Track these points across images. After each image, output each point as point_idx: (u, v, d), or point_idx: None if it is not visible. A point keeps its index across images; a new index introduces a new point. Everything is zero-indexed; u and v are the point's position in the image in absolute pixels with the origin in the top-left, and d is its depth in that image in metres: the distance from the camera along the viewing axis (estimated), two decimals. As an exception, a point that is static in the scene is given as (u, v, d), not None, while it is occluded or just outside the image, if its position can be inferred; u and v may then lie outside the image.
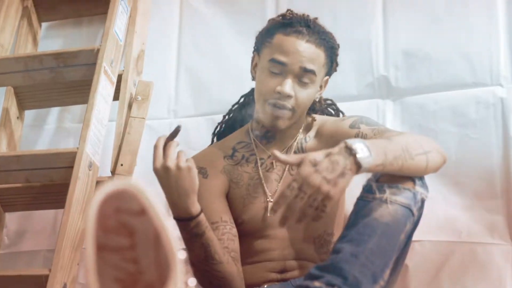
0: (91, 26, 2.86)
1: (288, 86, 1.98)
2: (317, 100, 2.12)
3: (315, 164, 1.57)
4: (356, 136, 1.98)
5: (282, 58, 1.99)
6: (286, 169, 2.09)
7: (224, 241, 1.97)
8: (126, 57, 2.53)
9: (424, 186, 1.80)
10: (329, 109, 2.29)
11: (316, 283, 1.56)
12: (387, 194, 1.70)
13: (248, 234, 2.06)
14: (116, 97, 2.46)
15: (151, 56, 2.71)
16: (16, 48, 2.71)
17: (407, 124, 2.46)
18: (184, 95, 2.71)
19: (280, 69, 1.99)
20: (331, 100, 2.29)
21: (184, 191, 1.83)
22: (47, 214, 2.65)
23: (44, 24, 2.88)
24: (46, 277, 1.99)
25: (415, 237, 2.29)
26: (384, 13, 2.57)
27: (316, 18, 2.10)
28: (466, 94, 2.43)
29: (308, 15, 2.09)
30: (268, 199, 2.06)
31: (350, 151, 1.60)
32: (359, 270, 1.58)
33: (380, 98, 2.52)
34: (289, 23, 2.05)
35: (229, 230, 1.97)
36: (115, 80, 2.42)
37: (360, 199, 1.75)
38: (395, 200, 1.70)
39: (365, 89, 2.53)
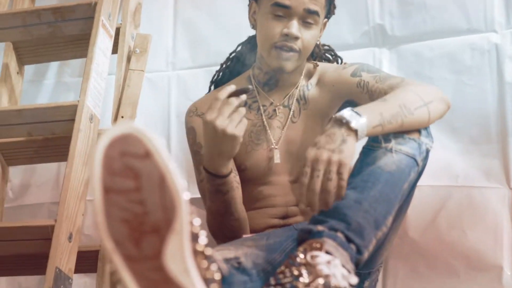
0: (88, -20, 2.86)
1: (295, 27, 1.99)
2: (319, 41, 2.15)
3: (315, 145, 1.60)
4: (358, 84, 2.01)
5: (286, 1, 1.99)
6: (289, 116, 2.11)
7: None
8: (123, 10, 2.53)
9: (429, 136, 1.81)
10: (327, 54, 2.30)
11: (319, 227, 1.57)
12: (393, 143, 1.72)
13: (251, 180, 2.09)
14: (114, 50, 2.47)
15: (148, 9, 2.71)
16: (13, 3, 2.71)
17: (403, 72, 2.48)
18: (182, 47, 2.72)
19: (284, 12, 2.00)
20: (328, 46, 2.30)
21: (221, 153, 1.84)
22: (50, 167, 2.68)
23: (41, -21, 2.87)
24: (52, 228, 2.00)
25: (413, 182, 2.35)
26: (379, -39, 2.57)
27: None
28: (461, 40, 2.44)
29: None
30: (272, 146, 2.09)
31: (341, 121, 1.62)
32: (362, 216, 1.60)
33: (376, 47, 2.54)
34: None
35: (234, 178, 1.98)
36: (113, 33, 2.42)
37: (366, 148, 1.76)
38: (400, 150, 1.72)
39: (361, 38, 2.54)
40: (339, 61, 2.29)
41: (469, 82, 2.41)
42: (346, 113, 1.63)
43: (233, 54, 2.34)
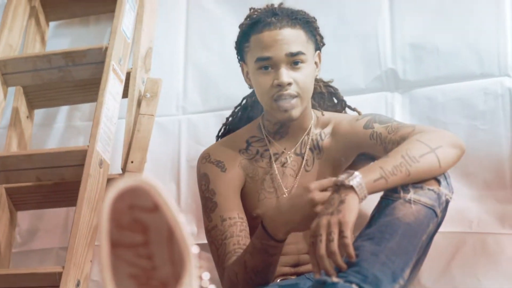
0: (98, 25, 2.87)
1: (284, 75, 1.98)
2: (317, 76, 2.14)
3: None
4: (371, 136, 2.00)
5: (265, 54, 2.00)
6: (302, 165, 2.09)
7: (242, 238, 1.98)
8: (134, 54, 2.54)
9: (449, 187, 1.79)
10: (328, 88, 2.30)
11: (334, 279, 1.55)
12: (411, 194, 1.70)
13: None
14: (125, 94, 2.47)
15: (159, 53, 2.71)
16: (24, 48, 2.72)
17: (416, 117, 2.46)
18: (192, 91, 2.71)
19: (268, 63, 2.00)
20: (330, 84, 2.30)
21: (291, 225, 1.77)
22: (58, 212, 2.66)
23: (51, 23, 2.89)
24: (59, 275, 2.00)
25: (425, 228, 2.32)
26: (391, 5, 2.57)
27: (281, 3, 2.14)
28: (474, 85, 2.43)
29: (272, 4, 2.12)
30: (284, 195, 2.07)
31: (336, 185, 1.65)
32: (379, 268, 1.57)
33: (389, 91, 2.52)
34: (257, 20, 2.06)
35: (245, 228, 1.97)
36: (123, 77, 2.43)
37: (384, 198, 1.74)
38: (419, 200, 1.70)
39: (373, 82, 2.53)
40: (340, 97, 2.30)
41: (482, 127, 2.39)
42: (340, 176, 1.66)
43: (238, 108, 2.35)
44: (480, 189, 2.37)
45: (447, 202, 1.78)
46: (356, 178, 1.64)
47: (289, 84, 1.98)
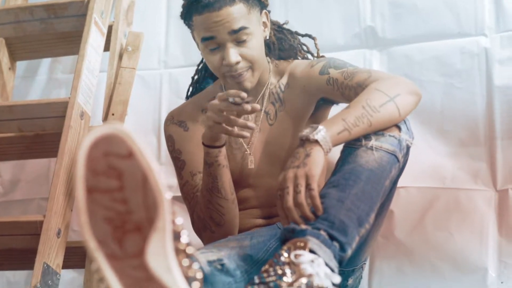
0: (81, -23, 2.87)
1: (231, 54, 1.97)
2: (267, 38, 2.10)
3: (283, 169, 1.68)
4: (328, 82, 2.01)
5: (209, 34, 1.97)
6: (265, 120, 2.11)
7: None
8: (116, 8, 2.54)
9: (409, 132, 1.83)
10: (280, 37, 2.24)
11: (303, 226, 1.59)
12: (373, 141, 1.73)
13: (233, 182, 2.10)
14: (107, 48, 2.48)
15: (141, 7, 2.72)
16: (7, 1, 2.72)
17: (393, 74, 2.49)
18: (174, 46, 2.73)
19: (214, 43, 1.98)
20: (283, 27, 2.26)
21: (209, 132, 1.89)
22: (40, 163, 2.69)
23: (34, -24, 2.88)
24: (40, 223, 2.01)
25: (400, 183, 2.32)
26: (371, -37, 2.59)
27: None
28: (451, 44, 2.46)
29: None
30: (246, 151, 2.10)
31: (301, 139, 1.69)
32: (345, 214, 1.61)
33: (367, 48, 2.55)
34: (196, 0, 1.99)
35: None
36: (105, 31, 2.43)
37: (347, 146, 1.77)
38: (381, 147, 1.73)
39: (352, 40, 2.55)
40: (293, 41, 2.24)
41: (458, 85, 2.43)
42: (305, 130, 1.69)
43: (200, 65, 2.36)
44: (455, 146, 2.41)
45: (408, 147, 1.82)
46: (321, 132, 1.67)
47: (237, 63, 1.98)
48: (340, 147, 1.78)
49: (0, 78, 2.65)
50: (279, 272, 1.47)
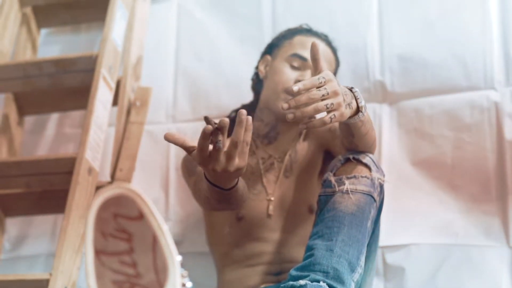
0: (89, 33, 2.88)
1: (309, 78, 2.02)
2: None
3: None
4: (329, 130, 2.09)
5: (305, 54, 2.09)
6: (281, 172, 2.12)
7: None
8: (124, 62, 2.55)
9: (380, 171, 1.86)
10: None
11: (301, 282, 1.60)
12: (347, 185, 1.77)
13: (246, 234, 2.09)
14: (115, 102, 2.48)
15: (150, 62, 2.72)
16: (15, 54, 2.72)
17: (403, 128, 2.49)
18: (182, 100, 2.72)
19: (300, 64, 2.09)
20: None
21: (229, 181, 1.70)
22: (47, 219, 2.66)
23: (43, 31, 2.89)
24: (47, 282, 2.00)
25: (411, 239, 2.35)
26: (379, 17, 2.59)
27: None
28: (461, 98, 2.45)
29: None
30: (268, 198, 2.09)
31: (352, 93, 1.70)
32: (337, 261, 1.64)
33: (377, 102, 2.54)
34: (307, 30, 2.20)
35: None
36: (113, 85, 2.43)
37: (322, 195, 1.81)
38: (356, 189, 1.77)
39: (361, 94, 2.54)
40: None
41: (468, 140, 2.41)
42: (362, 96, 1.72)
43: (233, 114, 2.34)
44: (466, 201, 2.39)
45: (381, 185, 1.85)
46: (362, 101, 1.72)
47: None
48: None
49: (8, 133, 2.65)
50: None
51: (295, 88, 1.54)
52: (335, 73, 2.23)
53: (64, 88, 2.56)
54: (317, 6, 2.65)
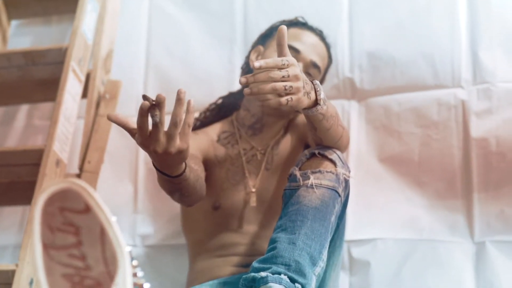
0: (60, 25, 2.87)
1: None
2: None
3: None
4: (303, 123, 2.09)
5: (297, 45, 2.10)
6: (263, 165, 2.12)
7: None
8: (94, 55, 2.54)
9: (345, 166, 1.87)
10: None
11: (262, 274, 1.61)
12: (312, 179, 1.78)
13: (222, 224, 2.10)
14: (84, 95, 2.48)
15: (120, 55, 2.72)
16: (-15, 46, 2.72)
17: (371, 125, 2.50)
18: (152, 94, 2.69)
19: (292, 55, 2.03)
20: None
21: (172, 165, 1.68)
22: (15, 211, 2.66)
23: (14, 22, 2.88)
24: (13, 272, 2.00)
25: (377, 234, 2.36)
26: (349, 15, 2.60)
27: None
28: (429, 95, 2.47)
29: None
30: (250, 190, 2.10)
31: (314, 86, 1.72)
32: (298, 254, 1.65)
33: (345, 99, 2.55)
34: (302, 23, 2.21)
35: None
36: (83, 78, 2.43)
37: (287, 189, 1.82)
38: (320, 184, 1.78)
39: (330, 90, 2.55)
40: None
41: (435, 137, 2.43)
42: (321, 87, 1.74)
43: (212, 106, 2.35)
44: (432, 198, 2.41)
45: (346, 181, 1.86)
46: (322, 92, 1.74)
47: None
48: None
49: (-24, 124, 2.64)
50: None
51: (257, 64, 1.55)
52: (326, 70, 2.24)
53: (34, 80, 2.55)
54: (288, 3, 2.66)
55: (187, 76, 2.69)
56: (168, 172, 1.69)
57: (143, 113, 1.55)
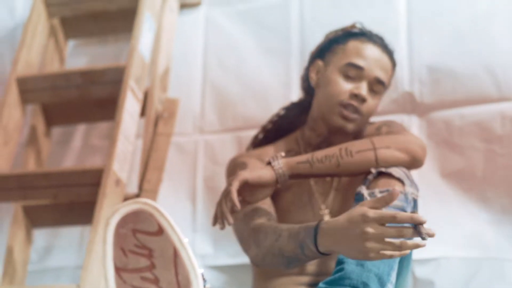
0: (117, 44, 2.88)
1: (365, 89, 2.02)
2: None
3: None
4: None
5: (360, 63, 2.03)
6: (333, 185, 2.08)
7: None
8: (152, 73, 2.55)
9: (414, 185, 1.83)
10: None
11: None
12: None
13: None
14: (142, 113, 2.48)
15: (177, 73, 2.72)
16: (43, 66, 2.74)
17: (433, 140, 2.45)
18: (210, 111, 2.71)
19: (355, 74, 2.03)
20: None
21: (337, 248, 1.65)
22: (74, 231, 2.67)
23: (70, 42, 2.91)
24: (75, 293, 2.01)
25: (441, 252, 2.31)
26: (408, 27, 2.57)
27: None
28: (492, 108, 2.41)
29: None
30: (320, 211, 2.06)
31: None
32: (367, 276, 1.61)
33: (405, 114, 2.51)
34: (362, 33, 2.11)
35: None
36: (141, 97, 2.44)
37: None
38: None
39: (389, 105, 2.51)
40: None
41: (499, 151, 2.38)
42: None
43: (275, 119, 2.31)
44: (497, 213, 2.35)
45: (415, 200, 1.81)
46: (279, 159, 1.82)
47: (364, 100, 2.01)
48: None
49: (35, 145, 2.66)
50: None
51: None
52: (391, 79, 2.16)
53: (92, 99, 2.57)
54: (345, 16, 2.62)
55: (244, 91, 2.68)
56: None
57: None
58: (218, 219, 1.77)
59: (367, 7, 2.65)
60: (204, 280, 1.02)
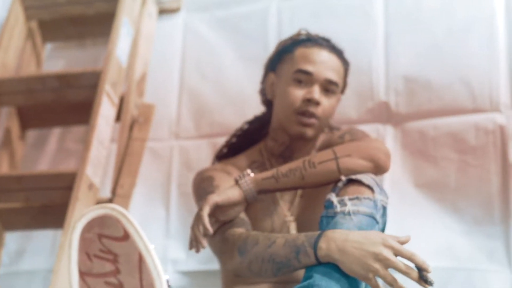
0: (95, 48, 2.88)
1: (317, 93, 2.03)
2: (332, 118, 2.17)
3: None
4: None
5: (308, 68, 2.05)
6: (297, 193, 2.09)
7: None
8: (128, 79, 2.54)
9: (383, 193, 1.83)
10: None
11: None
12: (349, 206, 1.73)
13: None
14: (118, 118, 2.47)
15: (154, 78, 2.72)
16: (19, 68, 2.73)
17: (407, 150, 2.46)
18: (186, 117, 2.71)
19: (305, 79, 2.05)
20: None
21: (342, 263, 1.69)
22: (46, 234, 2.65)
23: (48, 45, 2.89)
24: (44, 297, 1.99)
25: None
26: (385, 38, 2.58)
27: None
28: (466, 120, 2.43)
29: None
30: (286, 218, 2.06)
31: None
32: (335, 283, 1.61)
33: (380, 123, 2.52)
34: (307, 39, 2.13)
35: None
36: (117, 101, 2.43)
37: (324, 216, 1.77)
38: (358, 211, 1.73)
39: (365, 114, 2.53)
40: None
41: (473, 162, 2.39)
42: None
43: (239, 133, 2.31)
44: (469, 224, 2.36)
45: (384, 207, 1.82)
46: (245, 177, 1.87)
47: (317, 103, 2.03)
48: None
49: (9, 147, 2.65)
50: None
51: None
52: (345, 75, 2.17)
53: (67, 103, 2.56)
54: (323, 25, 2.63)
55: (221, 98, 2.69)
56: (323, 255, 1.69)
57: None
58: (193, 242, 1.80)
59: (345, 16, 2.66)
60: (169, 286, 1.02)
